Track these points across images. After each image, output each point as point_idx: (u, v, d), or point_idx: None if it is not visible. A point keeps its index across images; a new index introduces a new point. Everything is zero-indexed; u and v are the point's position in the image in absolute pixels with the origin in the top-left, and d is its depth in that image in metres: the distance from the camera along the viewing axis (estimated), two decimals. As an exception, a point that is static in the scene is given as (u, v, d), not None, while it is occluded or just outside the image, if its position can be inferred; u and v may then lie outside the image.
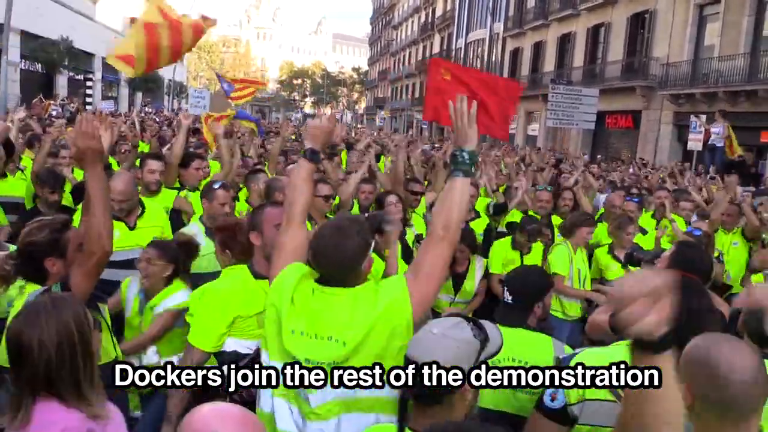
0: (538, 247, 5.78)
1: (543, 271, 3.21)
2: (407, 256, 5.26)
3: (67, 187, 5.58)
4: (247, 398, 2.44)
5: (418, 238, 5.50)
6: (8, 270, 2.78)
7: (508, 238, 5.83)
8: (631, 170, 13.84)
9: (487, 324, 1.98)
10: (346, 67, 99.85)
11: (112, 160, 7.05)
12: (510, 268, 5.48)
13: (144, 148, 8.61)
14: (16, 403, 1.89)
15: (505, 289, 3.05)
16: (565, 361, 2.33)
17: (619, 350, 2.25)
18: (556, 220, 6.59)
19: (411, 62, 61.21)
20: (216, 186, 4.52)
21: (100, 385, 2.02)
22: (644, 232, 6.29)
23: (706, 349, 1.69)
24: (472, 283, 5.34)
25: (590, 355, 2.29)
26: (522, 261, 5.60)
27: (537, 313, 2.95)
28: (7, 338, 1.95)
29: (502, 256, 5.65)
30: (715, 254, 6.07)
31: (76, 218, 4.00)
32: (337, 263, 2.21)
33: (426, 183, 7.11)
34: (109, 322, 2.88)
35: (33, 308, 1.99)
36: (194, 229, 4.43)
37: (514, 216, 6.43)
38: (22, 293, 2.69)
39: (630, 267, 4.63)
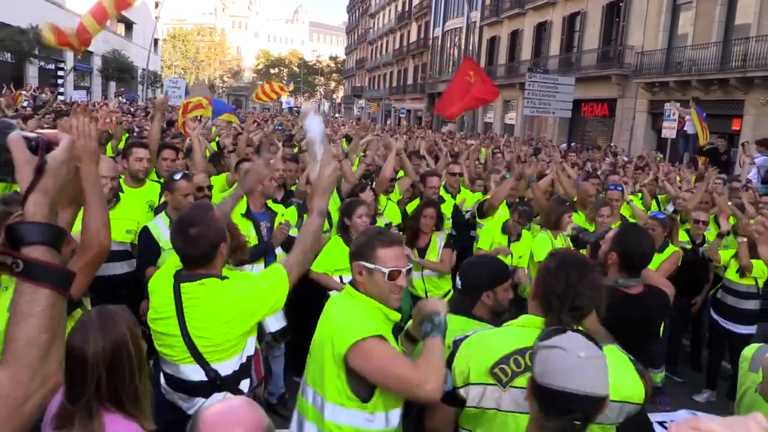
0: (527, 235, 5.85)
1: (498, 263, 3.21)
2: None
3: None
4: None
5: (388, 226, 5.55)
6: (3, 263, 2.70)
7: (499, 221, 5.93)
8: (607, 159, 13.96)
9: (573, 328, 1.98)
10: (324, 56, 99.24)
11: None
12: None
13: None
14: (82, 417, 1.91)
15: (458, 275, 3.09)
16: (456, 344, 2.38)
17: (508, 332, 2.35)
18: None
19: (388, 51, 61.02)
20: (177, 177, 4.49)
21: (149, 397, 2.08)
22: (625, 220, 6.34)
23: None
24: (435, 253, 5.41)
25: (478, 338, 2.36)
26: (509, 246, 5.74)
27: (486, 303, 2.91)
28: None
29: (491, 238, 5.80)
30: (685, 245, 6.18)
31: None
32: None
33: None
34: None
35: (84, 323, 2.04)
36: (159, 221, 4.39)
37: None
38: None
39: (576, 248, 4.69)
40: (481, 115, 38.89)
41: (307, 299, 5.24)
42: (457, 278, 3.07)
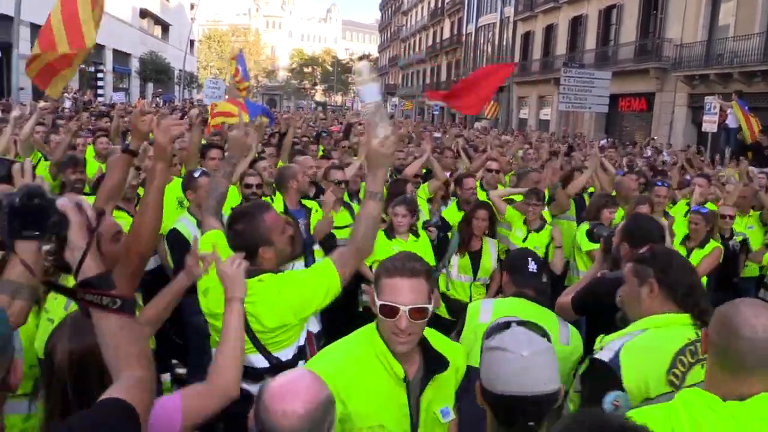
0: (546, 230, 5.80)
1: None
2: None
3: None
4: None
5: (428, 224, 5.56)
6: (47, 266, 2.77)
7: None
8: (649, 153, 13.65)
9: (519, 319, 1.91)
10: (357, 53, 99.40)
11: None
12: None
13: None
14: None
15: (531, 260, 3.13)
16: (614, 362, 2.15)
17: (661, 335, 2.22)
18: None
19: (421, 48, 60.87)
20: (197, 174, 4.56)
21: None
22: (669, 217, 6.13)
23: (731, 306, 1.75)
24: (489, 259, 5.34)
25: (638, 347, 2.19)
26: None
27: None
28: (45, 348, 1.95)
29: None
30: (739, 239, 6.03)
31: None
32: None
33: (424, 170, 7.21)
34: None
35: (55, 330, 2.01)
36: (185, 221, 4.45)
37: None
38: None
39: (592, 242, 4.68)
40: (516, 110, 38.52)
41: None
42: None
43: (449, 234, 5.37)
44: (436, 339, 2.26)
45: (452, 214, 6.01)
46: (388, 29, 78.82)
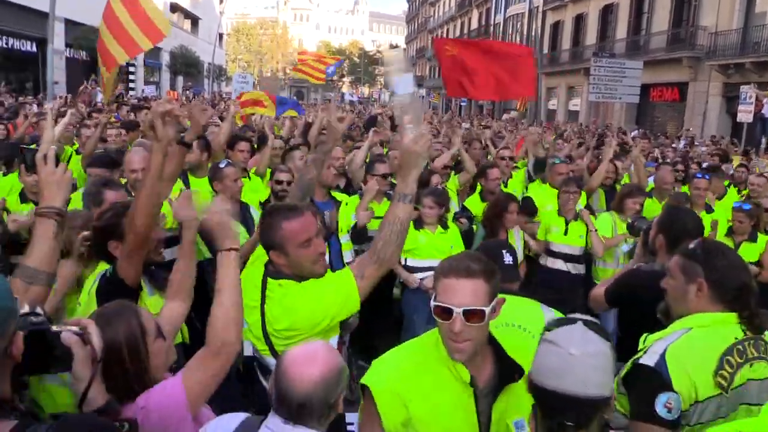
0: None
1: None
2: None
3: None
4: None
5: (459, 216, 5.54)
6: (83, 251, 2.92)
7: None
8: (682, 144, 13.40)
9: (589, 317, 1.81)
10: (384, 45, 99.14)
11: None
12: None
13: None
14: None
15: (506, 252, 3.00)
16: (661, 366, 2.09)
17: (705, 335, 2.16)
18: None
19: (449, 38, 60.42)
20: (222, 165, 4.60)
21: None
22: (710, 210, 6.04)
23: None
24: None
25: (683, 350, 2.12)
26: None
27: None
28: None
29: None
30: None
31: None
32: None
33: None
34: None
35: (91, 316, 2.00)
36: None
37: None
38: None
39: (632, 235, 4.63)
40: (544, 101, 38.08)
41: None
42: (506, 255, 2.98)
43: (474, 226, 5.33)
44: (513, 345, 2.12)
45: (475, 204, 6.01)
46: (416, 20, 78.44)
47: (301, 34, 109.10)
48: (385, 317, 5.49)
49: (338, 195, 5.28)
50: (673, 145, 13.37)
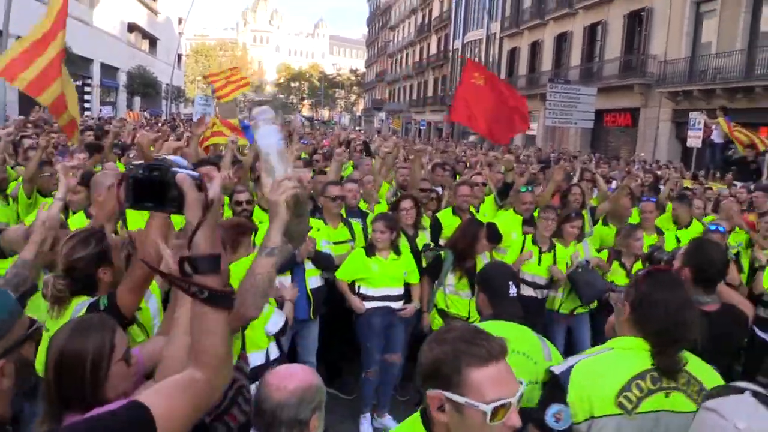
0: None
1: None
2: (418, 260, 5.40)
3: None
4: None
5: (427, 248, 5.54)
6: (61, 291, 2.73)
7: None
8: (636, 167, 13.72)
9: (757, 387, 1.69)
10: (344, 69, 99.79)
11: (120, 165, 6.97)
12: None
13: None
14: (49, 417, 1.90)
15: (512, 283, 3.01)
16: (564, 377, 2.12)
17: (618, 356, 2.16)
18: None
19: (408, 63, 61.18)
20: None
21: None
22: (660, 232, 6.29)
23: None
24: None
25: (589, 367, 2.15)
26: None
27: None
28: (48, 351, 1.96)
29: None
30: (734, 251, 6.04)
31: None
32: None
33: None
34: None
35: (69, 321, 2.08)
36: None
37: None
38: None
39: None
40: (502, 126, 38.74)
41: (337, 312, 5.26)
42: (512, 287, 2.99)
43: (442, 253, 5.34)
44: (522, 372, 2.03)
45: (447, 217, 6.10)
46: (375, 44, 79.22)
47: (260, 57, 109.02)
48: (349, 341, 5.44)
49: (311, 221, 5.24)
50: (637, 167, 13.62)
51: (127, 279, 2.51)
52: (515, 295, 2.97)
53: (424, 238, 5.74)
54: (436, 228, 6.05)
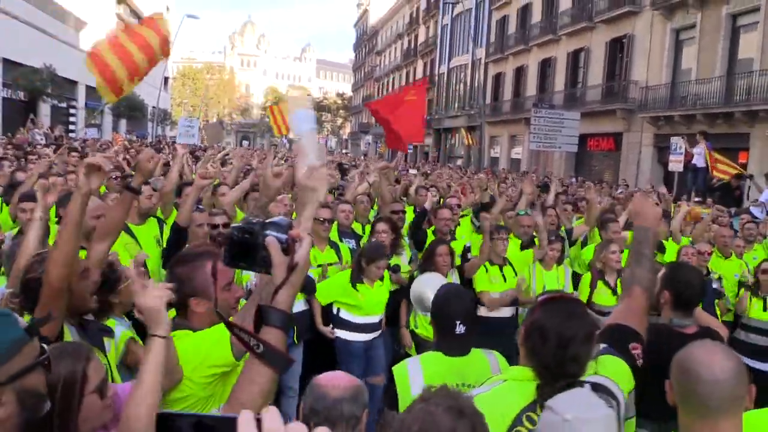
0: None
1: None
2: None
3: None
4: None
5: (394, 270, 5.51)
6: (14, 307, 2.69)
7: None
8: (619, 191, 13.90)
9: (602, 380, 1.78)
10: (331, 92, 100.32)
11: (102, 189, 6.94)
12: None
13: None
14: None
15: (459, 323, 2.92)
16: None
17: (510, 389, 2.11)
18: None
19: (395, 87, 61.65)
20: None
21: None
22: (662, 250, 6.36)
23: (686, 352, 1.76)
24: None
25: (484, 402, 2.00)
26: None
27: None
28: None
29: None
30: (716, 276, 6.08)
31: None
32: None
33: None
34: (111, 364, 2.78)
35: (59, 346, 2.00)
36: None
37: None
38: None
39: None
40: (488, 149, 39.10)
41: (321, 336, 5.22)
42: (459, 325, 2.94)
43: (415, 273, 5.33)
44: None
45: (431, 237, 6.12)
46: (362, 69, 79.86)
47: (248, 80, 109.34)
48: (332, 366, 5.40)
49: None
50: (612, 194, 13.79)
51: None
52: (463, 333, 2.89)
53: (398, 261, 5.70)
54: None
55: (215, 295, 2.39)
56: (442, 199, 8.57)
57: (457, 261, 5.82)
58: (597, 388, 1.71)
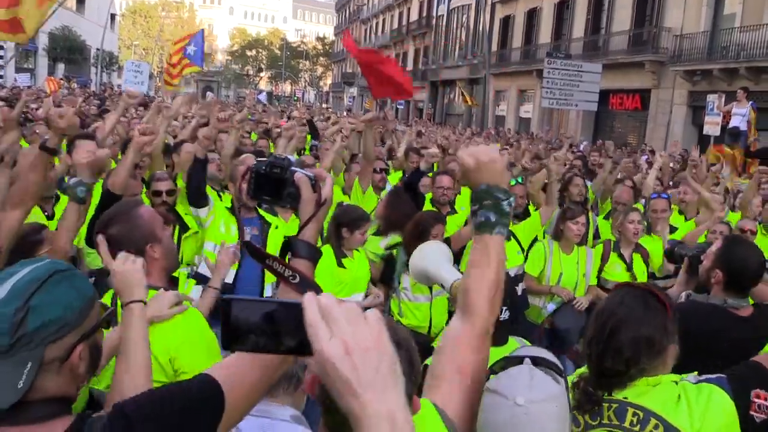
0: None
1: None
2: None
3: None
4: None
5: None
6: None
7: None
8: (644, 160, 13.77)
9: (539, 351, 1.85)
10: (310, 36, 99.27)
11: (23, 143, 6.75)
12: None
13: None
14: None
15: (506, 308, 3.06)
16: None
17: None
18: None
19: (385, 31, 61.04)
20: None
21: None
22: (673, 230, 6.34)
23: None
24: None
25: None
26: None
27: None
28: None
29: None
30: None
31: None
32: None
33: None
34: None
35: None
36: None
37: None
38: None
39: (671, 263, 4.80)
40: (492, 107, 38.88)
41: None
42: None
43: (394, 251, 5.17)
44: None
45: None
46: (347, 8, 78.97)
47: (211, 19, 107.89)
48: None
49: (269, 217, 5.16)
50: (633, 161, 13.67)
51: None
52: (507, 318, 3.02)
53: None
54: None
55: (160, 234, 2.70)
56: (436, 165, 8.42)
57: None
58: (537, 361, 1.74)
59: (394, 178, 7.40)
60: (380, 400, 0.92)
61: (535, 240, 5.91)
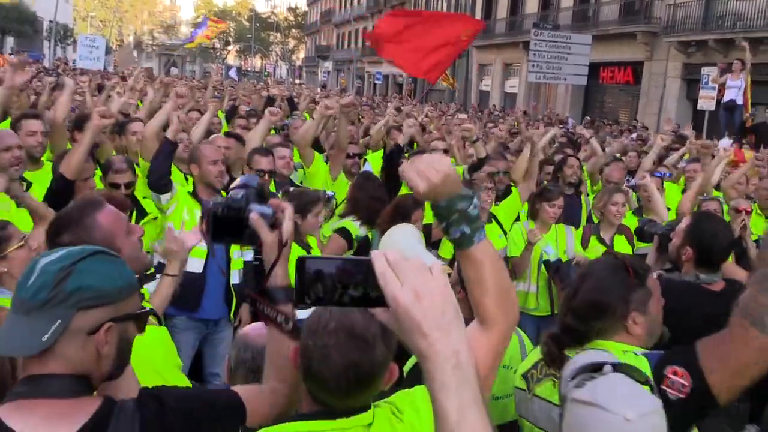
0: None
1: None
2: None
3: None
4: None
5: (330, 198, 5.58)
6: None
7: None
8: (633, 135, 13.94)
9: (602, 356, 2.02)
10: (281, 7, 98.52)
11: None
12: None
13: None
14: None
15: None
16: None
17: None
18: None
19: (362, 1, 60.72)
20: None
21: None
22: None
23: None
24: (449, 249, 5.43)
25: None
26: None
27: None
28: None
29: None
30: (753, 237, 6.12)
31: None
32: None
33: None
34: None
35: None
36: None
37: None
38: None
39: (642, 242, 4.96)
40: (476, 82, 38.91)
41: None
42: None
43: (370, 234, 5.24)
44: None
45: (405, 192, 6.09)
46: (320, -23, 78.42)
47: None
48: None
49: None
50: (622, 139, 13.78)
51: None
52: None
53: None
54: None
55: (120, 245, 2.39)
56: (415, 144, 8.49)
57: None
58: (621, 369, 1.80)
59: (376, 158, 7.41)
60: (446, 340, 1.07)
61: (518, 220, 5.99)
